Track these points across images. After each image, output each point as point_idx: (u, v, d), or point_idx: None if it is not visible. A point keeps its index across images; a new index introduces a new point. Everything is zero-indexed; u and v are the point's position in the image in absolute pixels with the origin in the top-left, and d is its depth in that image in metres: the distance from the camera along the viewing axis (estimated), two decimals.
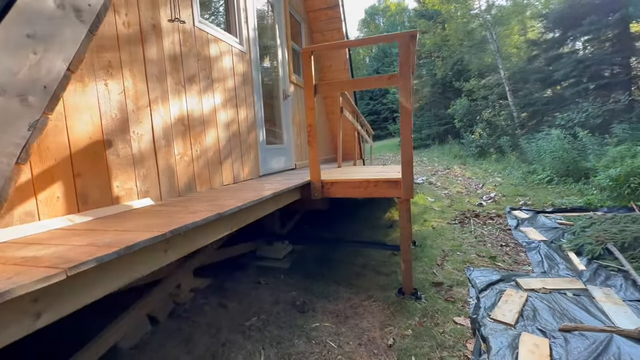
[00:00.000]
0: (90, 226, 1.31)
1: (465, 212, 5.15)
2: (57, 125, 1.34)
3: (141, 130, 1.78)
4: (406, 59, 2.33)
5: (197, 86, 2.27)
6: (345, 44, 2.37)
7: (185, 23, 2.16)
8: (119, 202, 1.63)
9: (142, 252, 1.07)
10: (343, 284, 2.94)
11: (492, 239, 3.98)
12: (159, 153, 1.90)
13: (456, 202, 5.96)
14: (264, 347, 2.17)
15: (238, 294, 2.93)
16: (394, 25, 29.15)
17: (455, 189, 7.14)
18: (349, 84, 2.71)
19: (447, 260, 3.35)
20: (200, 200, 1.90)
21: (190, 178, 2.19)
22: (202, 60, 2.35)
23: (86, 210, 1.45)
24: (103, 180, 1.55)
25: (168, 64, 2.00)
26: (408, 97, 2.37)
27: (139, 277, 1.07)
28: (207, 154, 2.37)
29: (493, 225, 4.50)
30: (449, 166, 9.90)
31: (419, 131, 14.87)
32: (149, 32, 1.85)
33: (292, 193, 2.52)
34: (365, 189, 2.67)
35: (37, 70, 0.78)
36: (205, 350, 2.17)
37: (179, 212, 1.54)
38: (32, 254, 0.94)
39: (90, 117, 1.49)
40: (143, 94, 1.79)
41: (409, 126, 2.41)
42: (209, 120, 2.41)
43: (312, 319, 2.46)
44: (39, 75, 0.79)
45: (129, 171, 1.69)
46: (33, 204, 1.25)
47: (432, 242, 3.89)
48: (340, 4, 4.78)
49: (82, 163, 1.44)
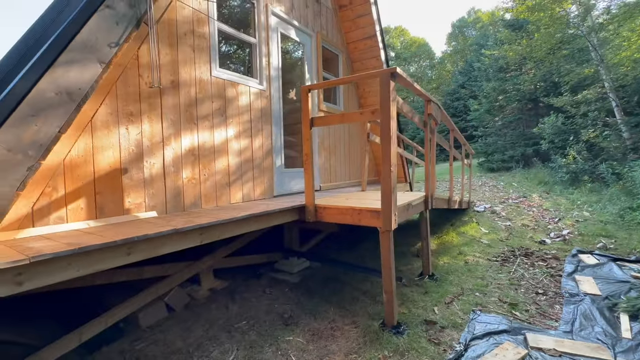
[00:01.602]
0: (96, 230, 1.89)
1: (515, 249, 4.55)
2: (87, 160, 2.00)
3: (154, 160, 2.39)
4: (387, 95, 2.43)
5: (209, 122, 2.84)
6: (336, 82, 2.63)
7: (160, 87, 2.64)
8: (129, 213, 2.23)
9: (99, 252, 1.53)
10: (336, 305, 3.05)
11: (530, 283, 3.48)
12: (167, 177, 2.48)
13: (515, 236, 5.27)
14: (238, 348, 2.49)
15: (243, 299, 3.33)
16: (485, 37, 26.90)
17: (521, 222, 6.26)
18: (338, 117, 2.92)
19: (460, 300, 3.12)
20: (191, 215, 2.39)
21: (197, 197, 2.73)
22: (217, 102, 2.92)
23: (101, 218, 2.07)
24: (117, 197, 2.16)
25: (183, 108, 2.61)
26: (387, 131, 2.45)
27: (94, 271, 1.54)
28: (215, 177, 2.90)
29: (542, 268, 3.89)
30: (527, 194, 8.56)
31: (501, 152, 13.23)
32: (168, 88, 2.49)
33: (283, 214, 2.82)
34: (351, 216, 2.79)
35: (36, 136, 1.33)
36: (194, 340, 2.60)
37: (160, 225, 2.02)
38: (34, 244, 1.50)
39: (112, 152, 2.13)
40: (158, 133, 2.41)
41: (388, 160, 2.48)
42: (220, 150, 2.95)
43: (289, 332, 2.67)
44: (37, 138, 1.33)
45: (139, 190, 2.29)
46: (64, 211, 1.90)
47: (456, 278, 3.62)
48: (378, 34, 4.96)
49: (102, 185, 2.08)
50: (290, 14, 3.93)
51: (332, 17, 4.89)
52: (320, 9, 4.54)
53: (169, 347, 2.52)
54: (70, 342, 2.03)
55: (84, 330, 2.11)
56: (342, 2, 4.93)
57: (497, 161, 13.12)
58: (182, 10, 2.59)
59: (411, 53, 37.32)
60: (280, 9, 3.76)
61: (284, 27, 3.86)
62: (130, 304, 2.35)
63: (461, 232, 5.59)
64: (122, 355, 2.43)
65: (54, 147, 1.81)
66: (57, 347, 1.95)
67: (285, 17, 3.82)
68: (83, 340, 2.11)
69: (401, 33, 39.49)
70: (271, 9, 3.58)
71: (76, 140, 1.95)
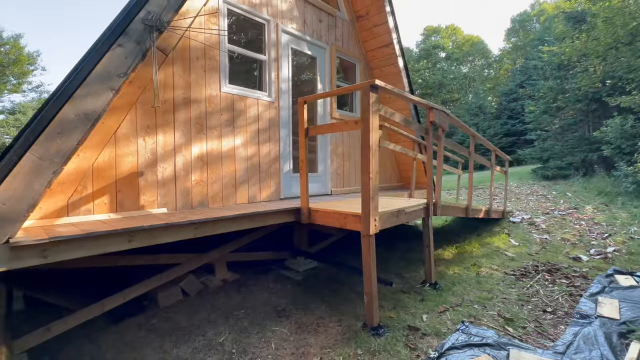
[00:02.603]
0: (113, 221, 2.36)
1: (540, 264, 4.25)
2: (110, 165, 2.51)
3: (166, 165, 2.85)
4: (366, 106, 2.57)
5: (217, 132, 3.25)
6: (325, 94, 2.82)
7: (160, 106, 3.17)
8: (143, 209, 2.71)
9: (105, 237, 1.96)
10: (328, 304, 3.23)
11: (542, 301, 3.29)
12: (178, 179, 2.93)
13: (548, 251, 4.89)
14: (230, 332, 2.82)
15: (249, 291, 3.67)
16: (549, 31, 24.34)
17: (562, 235, 5.73)
18: (328, 127, 3.10)
19: (454, 310, 3.09)
20: (194, 213, 2.79)
21: (204, 197, 3.15)
22: (226, 114, 3.32)
23: (120, 212, 2.56)
24: (134, 195, 2.65)
25: (194, 121, 3.05)
26: (367, 142, 2.59)
27: (103, 252, 1.96)
28: (222, 181, 3.29)
29: (562, 286, 3.61)
30: (579, 205, 7.64)
31: (559, 158, 11.90)
32: (180, 104, 2.94)
33: (277, 215, 3.09)
34: (337, 219, 2.96)
35: (60, 148, 1.79)
36: (197, 321, 3.00)
37: (162, 219, 2.44)
38: (62, 229, 1.98)
39: (131, 159, 2.62)
40: (170, 142, 2.87)
41: (367, 169, 2.61)
42: (228, 156, 3.34)
43: (278, 323, 2.93)
44: (61, 149, 1.80)
45: (153, 190, 2.76)
46: (91, 205, 2.42)
47: (460, 289, 3.55)
48: (395, 42, 5.01)
49: (122, 185, 2.57)
50: (302, 30, 4.23)
51: (349, 28, 5.08)
52: (335, 22, 4.77)
53: (176, 325, 2.95)
54: (94, 310, 2.54)
55: (106, 302, 2.62)
56: (360, 13, 5.10)
57: (553, 168, 11.82)
58: (195, 37, 3.05)
59: (463, 52, 35.25)
60: (292, 26, 4.09)
61: (295, 43, 4.18)
62: (144, 286, 2.82)
63: (485, 242, 5.32)
64: (140, 327, 2.92)
65: (85, 154, 2.33)
66: (83, 314, 2.47)
67: (297, 34, 4.13)
68: (105, 309, 2.62)
69: (453, 32, 37.57)
70: (282, 28, 3.92)
71: (102, 149, 2.47)
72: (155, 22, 2.20)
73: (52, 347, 2.51)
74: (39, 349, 2.43)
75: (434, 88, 33.84)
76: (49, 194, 2.20)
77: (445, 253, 4.94)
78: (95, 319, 2.86)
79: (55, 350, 2.50)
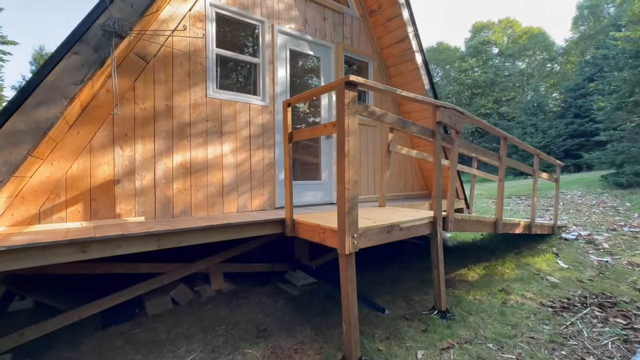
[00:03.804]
0: (84, 229, 2.35)
1: (591, 296, 3.46)
2: (85, 174, 2.52)
3: (145, 173, 2.81)
4: (341, 107, 2.27)
5: (203, 140, 3.15)
6: (300, 97, 2.57)
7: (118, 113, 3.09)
8: (120, 217, 2.68)
9: (53, 248, 1.92)
10: (314, 327, 2.94)
11: (582, 346, 2.61)
12: (157, 188, 2.87)
13: (607, 277, 4.00)
14: (202, 350, 2.66)
15: (239, 304, 3.51)
16: (626, 14, 20.95)
17: (630, 258, 4.67)
18: (309, 131, 2.81)
19: (462, 349, 2.59)
20: (172, 222, 2.69)
21: (187, 206, 3.06)
22: (212, 121, 3.22)
23: (95, 220, 2.56)
24: (110, 203, 2.64)
25: (176, 128, 2.99)
26: (342, 147, 2.27)
27: (52, 262, 1.92)
28: (208, 189, 3.18)
29: (617, 327, 2.85)
30: None
31: (637, 162, 9.93)
32: (162, 112, 2.90)
33: (259, 227, 2.87)
34: (318, 234, 2.65)
35: (9, 158, 1.80)
36: (174, 335, 2.89)
37: (133, 228, 2.37)
38: (18, 238, 1.99)
39: (107, 167, 2.62)
40: (150, 150, 2.83)
41: (342, 178, 2.30)
42: (214, 164, 3.23)
43: (253, 345, 2.70)
44: (10, 159, 1.80)
45: (130, 199, 2.73)
46: (64, 213, 2.44)
47: (476, 320, 2.99)
48: (411, 36, 4.53)
49: (97, 193, 2.57)
50: (302, 30, 4.01)
51: (360, 25, 4.74)
52: (343, 19, 4.47)
53: (154, 337, 2.86)
54: (70, 318, 2.56)
55: (82, 310, 2.63)
56: (372, 8, 4.73)
57: (629, 174, 9.91)
58: (179, 42, 3.00)
59: (519, 47, 32.00)
60: (290, 26, 3.89)
61: (294, 44, 3.97)
62: (118, 297, 2.79)
63: (524, 263, 4.53)
64: (121, 336, 2.89)
65: (59, 163, 2.36)
66: (58, 321, 2.50)
67: (295, 34, 3.92)
68: (82, 317, 2.64)
69: (509, 25, 34.37)
70: (278, 28, 3.75)
71: (77, 158, 2.50)
72: (115, 28, 2.15)
73: (36, 349, 2.57)
74: (23, 351, 2.50)
75: (485, 87, 31.21)
76: (21, 202, 2.26)
77: (470, 274, 4.27)
78: (85, 323, 2.92)
79: (38, 353, 2.56)
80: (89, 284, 3.53)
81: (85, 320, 2.98)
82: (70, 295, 3.20)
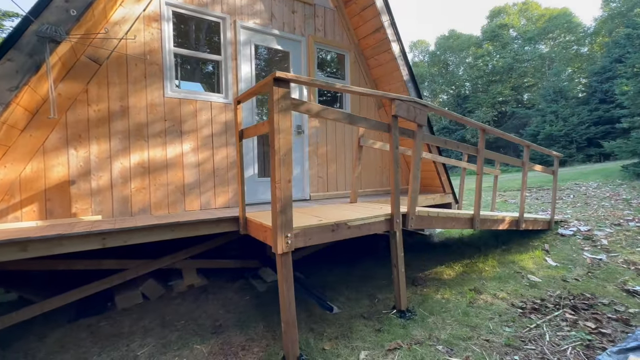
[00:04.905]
0: (37, 228, 2.46)
1: (569, 296, 3.29)
2: (40, 175, 2.63)
3: (101, 173, 2.90)
4: (271, 104, 2.23)
5: (162, 139, 3.20)
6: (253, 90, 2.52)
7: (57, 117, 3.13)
8: (75, 216, 2.79)
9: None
10: (268, 324, 2.96)
11: (540, 351, 2.48)
12: (115, 187, 2.96)
13: (595, 277, 3.78)
14: (154, 345, 2.75)
15: (206, 299, 3.58)
16: None
17: (627, 256, 4.39)
18: (253, 129, 2.77)
19: (409, 350, 2.53)
20: (127, 221, 2.77)
21: (146, 204, 3.13)
22: (171, 120, 3.26)
23: (50, 219, 2.67)
24: (65, 203, 2.74)
25: (132, 128, 3.05)
26: (273, 145, 2.24)
27: None
28: (168, 187, 3.24)
29: (583, 331, 2.69)
30: None
31: None
32: (117, 113, 2.96)
33: (212, 224, 2.89)
34: (262, 232, 2.65)
35: None
36: (136, 328, 2.98)
37: (84, 226, 2.45)
38: None
39: (61, 168, 2.72)
40: (105, 151, 2.91)
41: (273, 176, 2.27)
42: (173, 163, 3.28)
43: (204, 341, 2.75)
44: None
45: (86, 199, 2.83)
46: (19, 212, 2.56)
47: (436, 320, 2.91)
48: (386, 25, 4.35)
49: (52, 193, 2.68)
50: (268, 25, 3.95)
51: (334, 16, 4.61)
52: (314, 11, 4.37)
53: (117, 330, 2.98)
54: (32, 311, 2.71)
55: (44, 304, 2.78)
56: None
57: None
58: (132, 43, 3.04)
59: (540, 30, 30.13)
60: (255, 21, 3.84)
61: (260, 39, 3.92)
62: (80, 292, 2.91)
63: (509, 260, 4.34)
64: (87, 329, 3.03)
65: (12, 165, 2.48)
66: (20, 315, 2.65)
67: (260, 29, 3.87)
68: (45, 310, 2.79)
69: (526, 8, 32.43)
70: (241, 24, 3.71)
71: (30, 160, 2.61)
72: (50, 33, 2.20)
73: (6, 339, 2.72)
74: None
75: (502, 73, 29.74)
76: None
77: (447, 271, 4.15)
78: (57, 316, 3.08)
79: (7, 343, 2.70)
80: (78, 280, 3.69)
81: (58, 313, 3.15)
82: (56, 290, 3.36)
